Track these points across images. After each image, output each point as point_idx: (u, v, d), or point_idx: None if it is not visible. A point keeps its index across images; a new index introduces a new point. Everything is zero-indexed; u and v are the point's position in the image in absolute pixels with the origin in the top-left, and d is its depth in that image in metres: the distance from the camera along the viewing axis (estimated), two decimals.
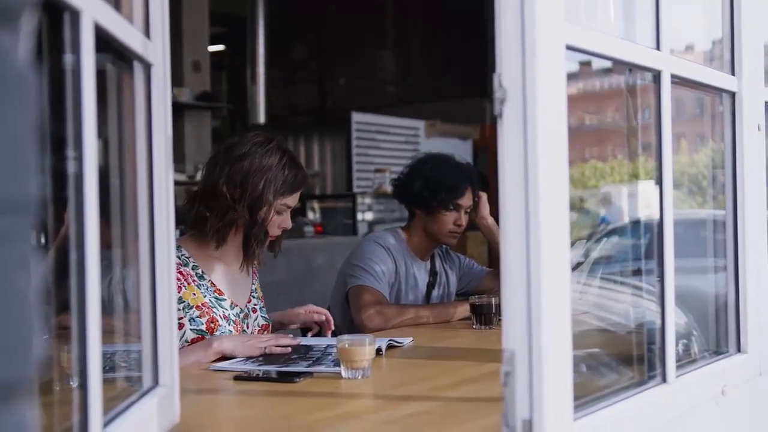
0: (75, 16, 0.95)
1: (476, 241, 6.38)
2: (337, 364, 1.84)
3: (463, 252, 4.41)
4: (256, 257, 2.29)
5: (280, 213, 2.24)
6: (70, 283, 0.96)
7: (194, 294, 2.17)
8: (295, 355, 2.05)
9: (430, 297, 2.96)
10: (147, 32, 1.30)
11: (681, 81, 1.55)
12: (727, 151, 1.77)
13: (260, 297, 2.40)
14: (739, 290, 1.76)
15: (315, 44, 10.23)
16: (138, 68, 1.29)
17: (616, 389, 1.39)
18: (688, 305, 1.76)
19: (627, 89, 1.64)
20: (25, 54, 0.56)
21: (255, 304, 2.35)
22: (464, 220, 2.87)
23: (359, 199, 7.23)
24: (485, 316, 2.54)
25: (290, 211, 2.29)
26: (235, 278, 2.30)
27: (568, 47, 1.17)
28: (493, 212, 2.87)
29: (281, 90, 9.92)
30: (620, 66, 1.52)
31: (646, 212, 1.65)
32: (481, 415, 1.50)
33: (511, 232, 1.11)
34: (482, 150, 8.00)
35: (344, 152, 8.06)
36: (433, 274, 2.98)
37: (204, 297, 2.19)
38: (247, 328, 2.29)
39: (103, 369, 1.02)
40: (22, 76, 0.55)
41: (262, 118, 8.47)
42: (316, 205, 7.41)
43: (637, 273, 1.79)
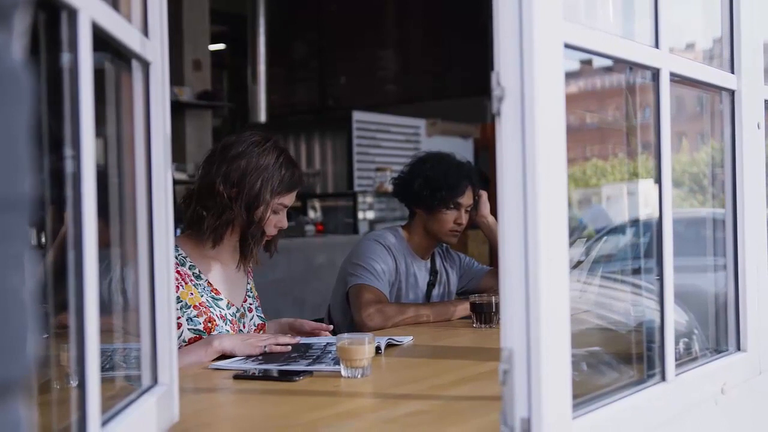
0: (72, 14, 0.95)
1: (477, 240, 6.38)
2: (337, 363, 1.84)
3: (465, 251, 4.42)
4: (252, 256, 2.29)
5: (276, 212, 2.24)
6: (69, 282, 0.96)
7: (191, 294, 2.17)
8: (295, 353, 2.05)
9: (431, 296, 2.96)
10: (145, 31, 1.30)
11: (680, 79, 1.55)
12: (727, 149, 1.77)
13: (255, 296, 2.40)
14: (739, 289, 1.76)
15: (316, 43, 10.23)
16: (136, 67, 1.29)
17: (615, 388, 1.39)
18: (689, 304, 1.76)
19: (628, 87, 1.64)
20: (18, 53, 0.56)
21: (251, 304, 2.35)
22: (465, 218, 2.87)
23: (360, 198, 7.23)
24: (485, 314, 2.55)
25: (287, 211, 2.29)
26: (231, 278, 2.30)
27: (566, 45, 1.17)
28: (493, 211, 2.87)
29: (282, 89, 9.92)
30: (620, 64, 1.52)
31: (646, 211, 1.65)
32: (480, 413, 1.50)
33: (509, 230, 1.11)
34: (483, 149, 8.01)
35: (345, 151, 8.06)
36: (434, 272, 2.98)
37: (201, 297, 2.19)
38: (244, 327, 2.29)
39: (103, 368, 1.02)
40: (16, 75, 0.55)
41: (263, 117, 8.48)
42: (317, 204, 7.41)
43: (637, 272, 1.79)
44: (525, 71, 1.09)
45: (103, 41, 1.08)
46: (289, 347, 2.08)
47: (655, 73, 1.46)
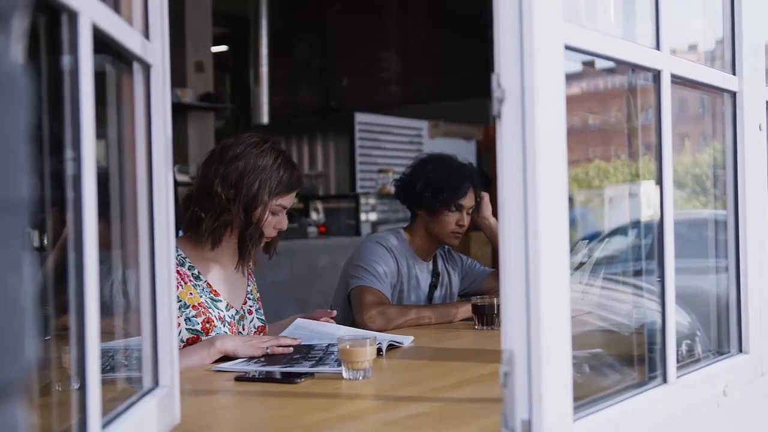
0: (73, 17, 0.95)
1: (480, 242, 6.38)
2: (340, 364, 1.84)
3: (467, 252, 4.41)
4: (251, 258, 2.29)
5: (275, 214, 2.24)
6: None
7: (191, 294, 2.18)
8: (297, 355, 2.05)
9: (432, 298, 2.96)
10: (146, 33, 1.30)
11: (681, 81, 1.55)
12: (728, 150, 1.77)
13: (257, 298, 2.40)
14: (741, 290, 1.76)
15: (318, 44, 10.22)
16: (137, 69, 1.29)
17: (616, 390, 1.38)
18: (691, 305, 1.76)
19: (630, 89, 1.64)
20: (16, 55, 0.56)
21: (250, 306, 2.35)
22: (466, 220, 2.87)
23: (362, 200, 7.22)
24: (487, 316, 2.54)
25: (286, 212, 2.29)
26: (231, 280, 2.30)
27: (567, 47, 1.17)
28: (495, 212, 2.86)
29: (284, 90, 9.92)
30: (622, 65, 1.51)
31: (648, 212, 1.65)
32: (481, 416, 1.50)
33: (510, 232, 1.11)
34: (486, 150, 8.00)
35: (347, 153, 8.06)
36: (436, 274, 2.98)
37: (200, 297, 2.19)
38: (243, 330, 2.29)
39: (104, 369, 1.02)
40: (14, 77, 0.55)
41: (265, 119, 8.47)
42: (320, 206, 7.40)
43: (639, 273, 1.79)
44: (525, 73, 1.09)
45: (104, 43, 1.08)
46: (291, 349, 2.08)
47: (656, 75, 1.46)
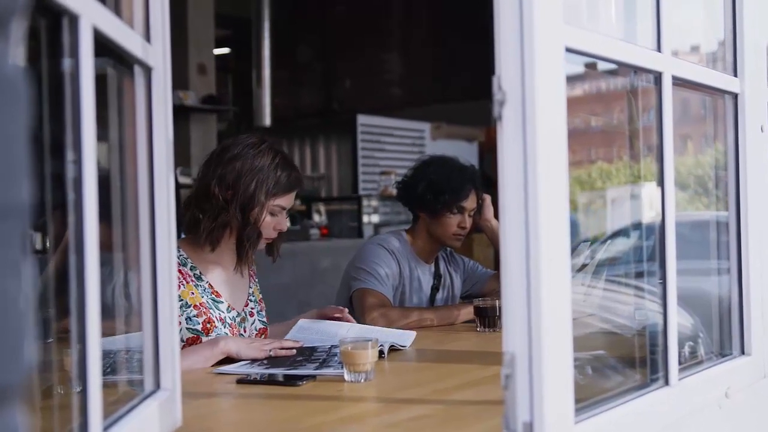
0: (74, 20, 0.95)
1: (482, 244, 6.37)
2: (343, 366, 1.84)
3: (470, 254, 4.41)
4: (249, 259, 2.29)
5: (274, 214, 2.24)
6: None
7: (192, 293, 2.18)
8: (300, 357, 2.05)
9: (435, 300, 2.96)
10: (147, 36, 1.30)
11: (682, 83, 1.55)
12: (730, 152, 1.77)
13: (259, 300, 2.39)
14: (743, 292, 1.75)
15: (320, 46, 10.23)
16: (138, 72, 1.29)
17: (618, 392, 1.38)
18: (694, 307, 1.76)
19: (632, 91, 1.64)
20: (15, 59, 0.56)
21: (252, 308, 2.35)
22: (468, 222, 2.86)
23: (365, 202, 7.23)
24: (489, 318, 2.54)
25: (288, 214, 2.29)
26: (232, 281, 2.30)
27: (568, 49, 1.17)
28: (497, 214, 2.86)
29: (286, 92, 9.91)
30: (625, 67, 1.51)
31: (650, 214, 1.65)
32: (483, 418, 1.50)
33: (511, 234, 1.11)
34: (488, 152, 7.99)
35: (350, 155, 8.07)
36: (438, 276, 2.98)
37: (202, 297, 2.19)
38: (244, 332, 2.29)
39: (104, 371, 1.02)
40: (13, 81, 0.55)
41: (267, 121, 8.48)
42: (322, 208, 7.41)
43: (641, 275, 1.79)
44: (526, 75, 1.09)
45: (104, 46, 1.08)
46: (294, 351, 2.08)
47: (658, 77, 1.46)
